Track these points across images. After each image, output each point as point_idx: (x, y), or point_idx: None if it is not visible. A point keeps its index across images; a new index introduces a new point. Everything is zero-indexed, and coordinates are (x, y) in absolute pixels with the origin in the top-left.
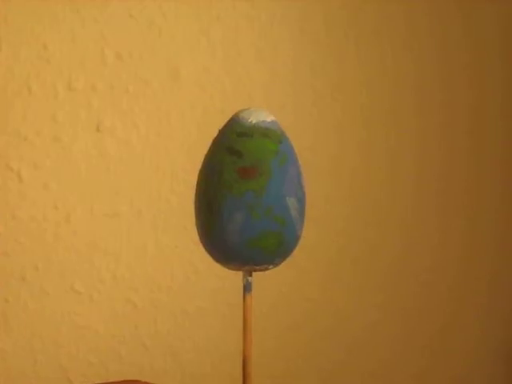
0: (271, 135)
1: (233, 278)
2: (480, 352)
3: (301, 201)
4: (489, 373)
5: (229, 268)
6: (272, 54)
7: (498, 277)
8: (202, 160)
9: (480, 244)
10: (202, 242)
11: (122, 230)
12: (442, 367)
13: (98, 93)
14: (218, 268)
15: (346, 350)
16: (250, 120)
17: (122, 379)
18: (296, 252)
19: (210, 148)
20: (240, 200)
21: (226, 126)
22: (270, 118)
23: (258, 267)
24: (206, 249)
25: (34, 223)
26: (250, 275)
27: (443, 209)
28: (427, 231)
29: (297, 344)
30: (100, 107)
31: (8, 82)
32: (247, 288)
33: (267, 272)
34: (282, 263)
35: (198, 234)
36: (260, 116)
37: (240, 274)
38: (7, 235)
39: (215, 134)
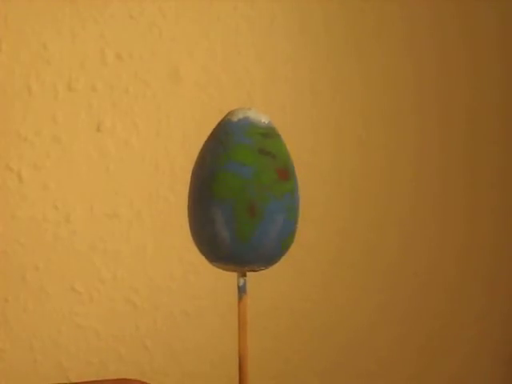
0: (280, 135)
1: (232, 278)
2: (479, 352)
3: None
4: (488, 373)
5: (227, 270)
6: (272, 55)
7: (496, 277)
8: None
9: (478, 245)
10: (215, 248)
11: (121, 229)
12: (441, 367)
13: (98, 93)
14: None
15: (344, 350)
16: (263, 120)
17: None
18: (296, 252)
19: (231, 151)
20: (280, 202)
21: (235, 126)
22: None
23: (264, 267)
24: (227, 254)
25: (34, 223)
26: (245, 275)
27: (442, 209)
28: (426, 232)
29: (296, 344)
30: (100, 107)
31: (8, 82)
32: (243, 288)
33: (267, 272)
34: (282, 263)
35: (220, 238)
36: (266, 116)
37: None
38: (7, 235)
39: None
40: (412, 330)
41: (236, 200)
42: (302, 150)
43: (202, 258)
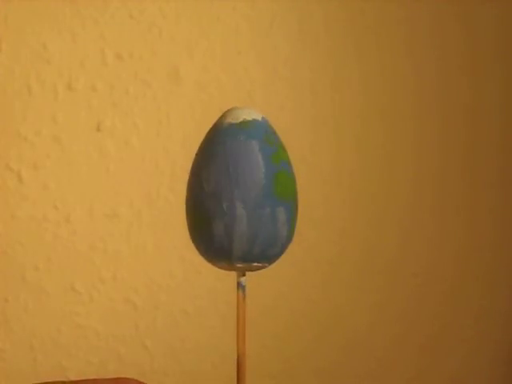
0: None
1: (233, 277)
2: (478, 353)
3: None
4: (488, 373)
5: (234, 270)
6: (272, 55)
7: (496, 277)
8: None
9: (478, 245)
10: (272, 247)
11: (121, 229)
12: (441, 367)
13: (98, 93)
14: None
15: (344, 349)
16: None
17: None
18: (296, 252)
19: (279, 150)
20: None
21: (266, 125)
22: None
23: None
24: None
25: (34, 223)
26: (245, 274)
27: (441, 209)
28: (425, 232)
29: (295, 344)
30: (100, 107)
31: (8, 82)
32: (244, 288)
33: (266, 272)
34: (282, 263)
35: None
36: None
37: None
38: (7, 235)
39: None
40: (411, 330)
41: (294, 198)
42: (302, 149)
43: (202, 258)
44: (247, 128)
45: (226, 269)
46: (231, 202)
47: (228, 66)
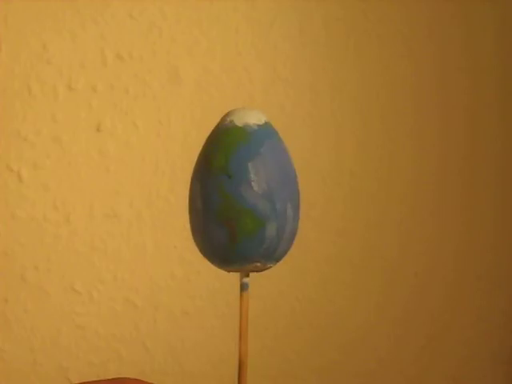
0: None
1: (233, 278)
2: (479, 353)
3: None
4: (488, 373)
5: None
6: (272, 55)
7: (496, 277)
8: None
9: (478, 245)
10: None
11: (121, 229)
12: (441, 367)
13: (98, 93)
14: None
15: (344, 349)
16: None
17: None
18: (295, 252)
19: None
20: None
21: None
22: None
23: None
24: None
25: (34, 223)
26: (248, 275)
27: (442, 209)
28: (426, 232)
29: (295, 344)
30: (100, 107)
31: (8, 82)
32: (247, 288)
33: (266, 271)
34: (281, 263)
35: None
36: None
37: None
38: (7, 235)
39: None
40: (411, 330)
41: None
42: (302, 149)
43: (203, 258)
44: (270, 129)
45: (252, 271)
46: (283, 203)
47: (228, 66)
